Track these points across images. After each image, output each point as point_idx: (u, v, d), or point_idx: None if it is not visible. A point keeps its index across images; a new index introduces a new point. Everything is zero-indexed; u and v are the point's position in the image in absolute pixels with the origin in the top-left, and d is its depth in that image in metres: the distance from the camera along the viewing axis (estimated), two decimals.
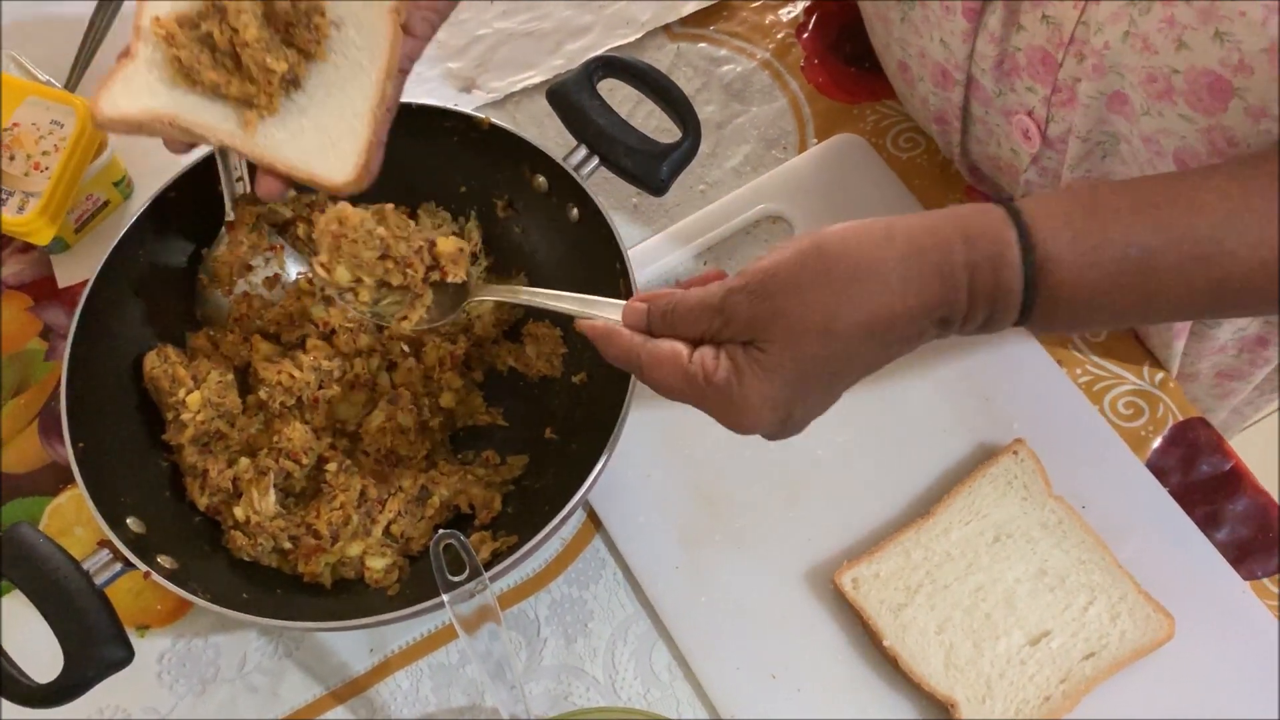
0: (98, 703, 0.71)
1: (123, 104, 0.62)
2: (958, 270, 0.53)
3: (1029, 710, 0.67)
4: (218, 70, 0.63)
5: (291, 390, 0.70)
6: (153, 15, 0.63)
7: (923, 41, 0.75)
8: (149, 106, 0.63)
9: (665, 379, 0.56)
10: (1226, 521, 0.74)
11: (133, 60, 0.63)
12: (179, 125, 0.63)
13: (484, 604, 0.62)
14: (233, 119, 0.64)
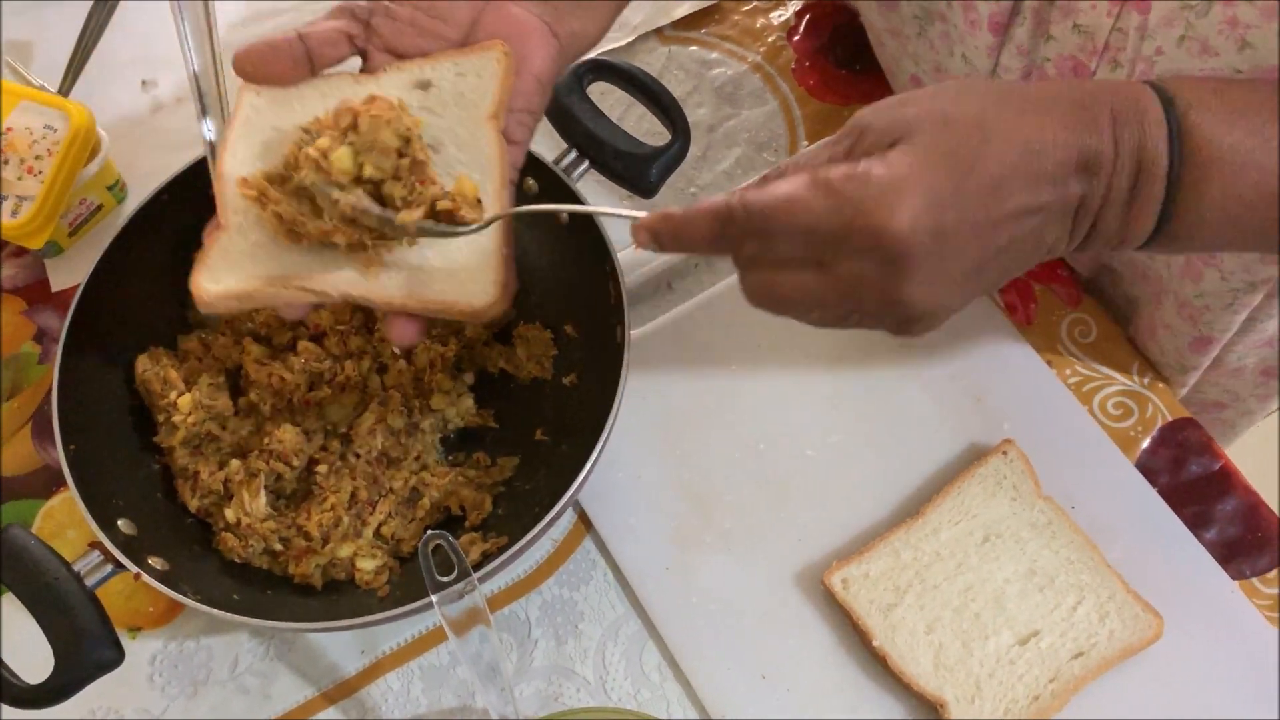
0: (90, 704, 0.71)
1: (227, 279, 0.57)
2: (1101, 112, 0.50)
3: (1018, 710, 0.67)
4: (325, 220, 0.58)
5: (282, 392, 0.70)
6: (237, 178, 0.59)
7: (940, 57, 0.75)
8: (256, 274, 0.58)
9: (785, 215, 0.49)
10: (1215, 521, 0.74)
11: (225, 230, 0.59)
12: (293, 287, 0.58)
13: (473, 606, 0.62)
14: (349, 266, 0.59)
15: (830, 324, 0.53)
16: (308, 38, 0.61)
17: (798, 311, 0.52)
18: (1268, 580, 0.72)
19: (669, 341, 0.80)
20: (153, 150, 0.90)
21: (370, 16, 0.62)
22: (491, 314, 0.59)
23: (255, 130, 0.61)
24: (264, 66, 0.61)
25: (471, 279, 0.59)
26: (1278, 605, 0.71)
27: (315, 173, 0.58)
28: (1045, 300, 0.81)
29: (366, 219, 0.58)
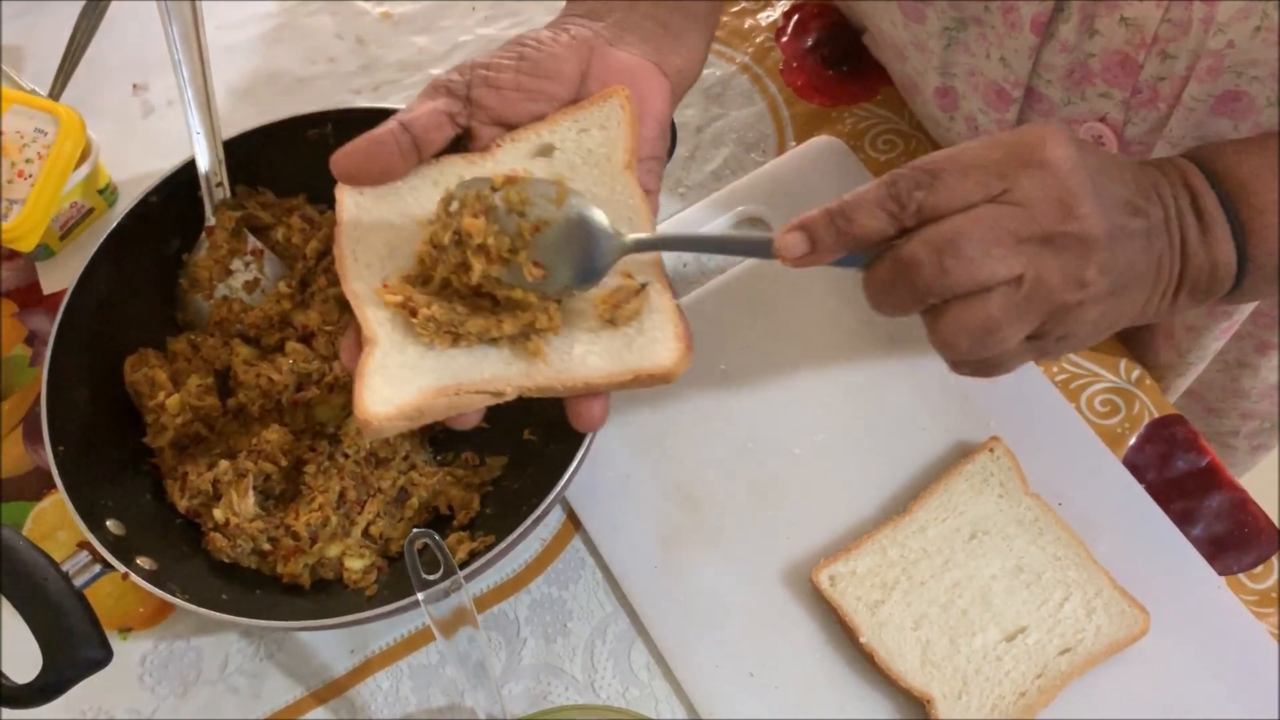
0: (80, 704, 0.72)
1: (393, 397, 0.52)
2: (1159, 179, 0.56)
3: (1005, 706, 0.67)
4: (482, 315, 0.54)
5: (270, 393, 0.71)
6: (375, 288, 0.55)
7: (975, 60, 0.74)
8: (423, 386, 0.53)
9: (949, 159, 0.51)
10: (1202, 517, 0.74)
11: (376, 346, 0.53)
12: (465, 392, 0.53)
13: (460, 606, 0.62)
14: (516, 356, 0.54)
15: (1006, 269, 0.50)
16: (411, 125, 0.56)
17: (976, 251, 0.50)
18: (1254, 576, 0.73)
19: None
20: (144, 154, 0.91)
21: (469, 90, 0.57)
22: (680, 370, 0.54)
23: (368, 232, 0.57)
24: (370, 165, 0.56)
25: (646, 339, 0.55)
26: (1264, 601, 0.72)
27: (481, 260, 0.54)
28: None
29: (543, 289, 0.54)
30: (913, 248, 0.51)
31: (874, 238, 0.52)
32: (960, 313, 0.51)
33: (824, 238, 0.52)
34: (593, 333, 0.55)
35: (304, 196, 0.78)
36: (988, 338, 0.51)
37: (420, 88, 0.91)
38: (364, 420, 0.51)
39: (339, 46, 0.93)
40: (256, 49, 0.94)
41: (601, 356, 0.54)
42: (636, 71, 0.60)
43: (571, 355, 0.54)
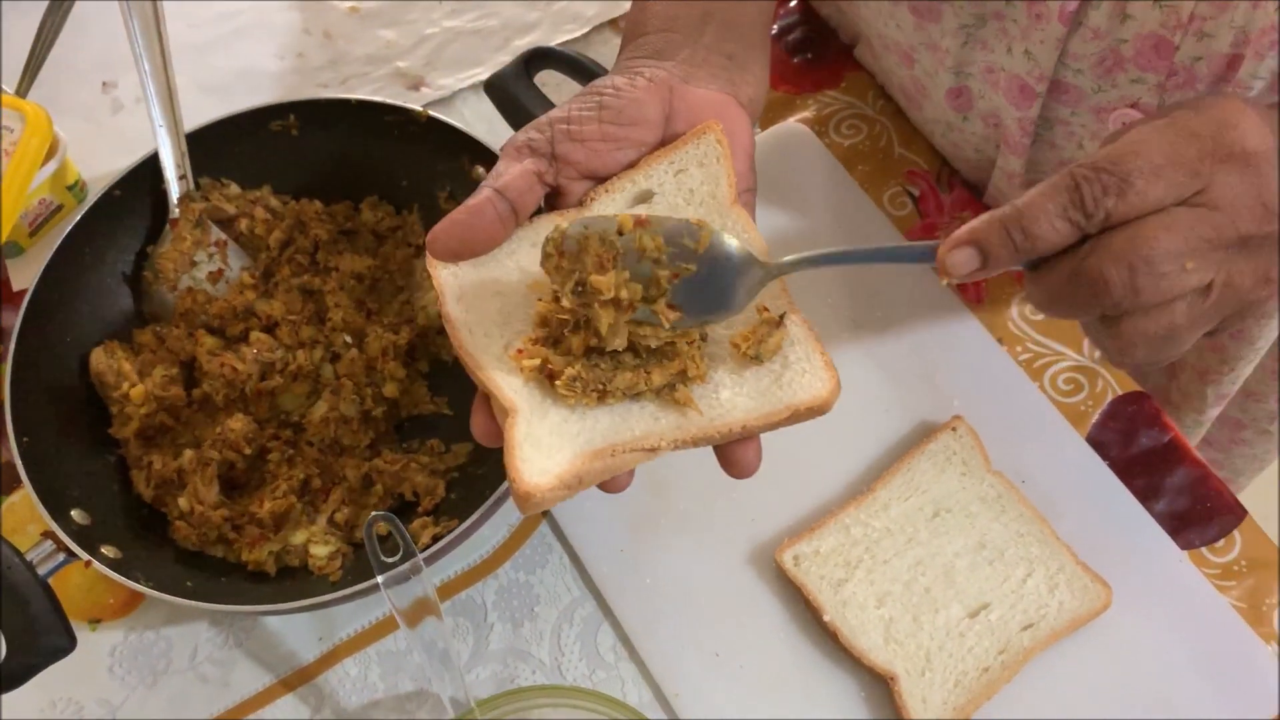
0: (50, 695, 0.72)
1: (549, 467, 0.49)
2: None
3: (968, 682, 0.68)
4: (627, 369, 0.51)
5: (234, 382, 0.71)
6: (511, 355, 0.52)
7: (994, 57, 0.73)
8: (577, 451, 0.50)
9: (1135, 155, 0.46)
10: (1165, 493, 0.75)
11: (518, 415, 0.50)
12: (619, 452, 0.50)
13: (424, 596, 0.63)
14: (663, 410, 0.51)
15: (1198, 279, 0.47)
16: (506, 190, 0.54)
17: (1172, 267, 0.46)
18: (1216, 550, 0.73)
19: None
20: (113, 151, 0.90)
21: (554, 146, 0.55)
22: (835, 399, 0.52)
23: (475, 302, 0.54)
24: (472, 237, 0.53)
25: (800, 373, 0.52)
26: (1226, 574, 0.72)
27: (610, 312, 0.51)
28: (996, 279, 0.81)
29: (678, 327, 0.52)
30: (1103, 265, 0.46)
31: (1055, 248, 0.48)
32: (1141, 323, 0.47)
33: (998, 252, 0.47)
34: (737, 374, 0.52)
35: (268, 188, 0.78)
36: (1166, 345, 0.48)
37: (385, 81, 0.92)
38: (525, 494, 0.48)
39: (307, 41, 0.94)
40: (225, 45, 0.94)
41: (752, 397, 0.52)
42: (718, 106, 0.59)
43: (720, 401, 0.52)
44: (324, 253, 0.76)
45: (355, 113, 0.76)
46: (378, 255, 0.77)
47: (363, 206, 0.78)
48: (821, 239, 0.83)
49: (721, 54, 0.61)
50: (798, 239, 0.83)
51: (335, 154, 0.77)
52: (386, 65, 0.93)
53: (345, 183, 0.78)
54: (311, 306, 0.75)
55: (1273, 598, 0.71)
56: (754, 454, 0.53)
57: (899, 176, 0.86)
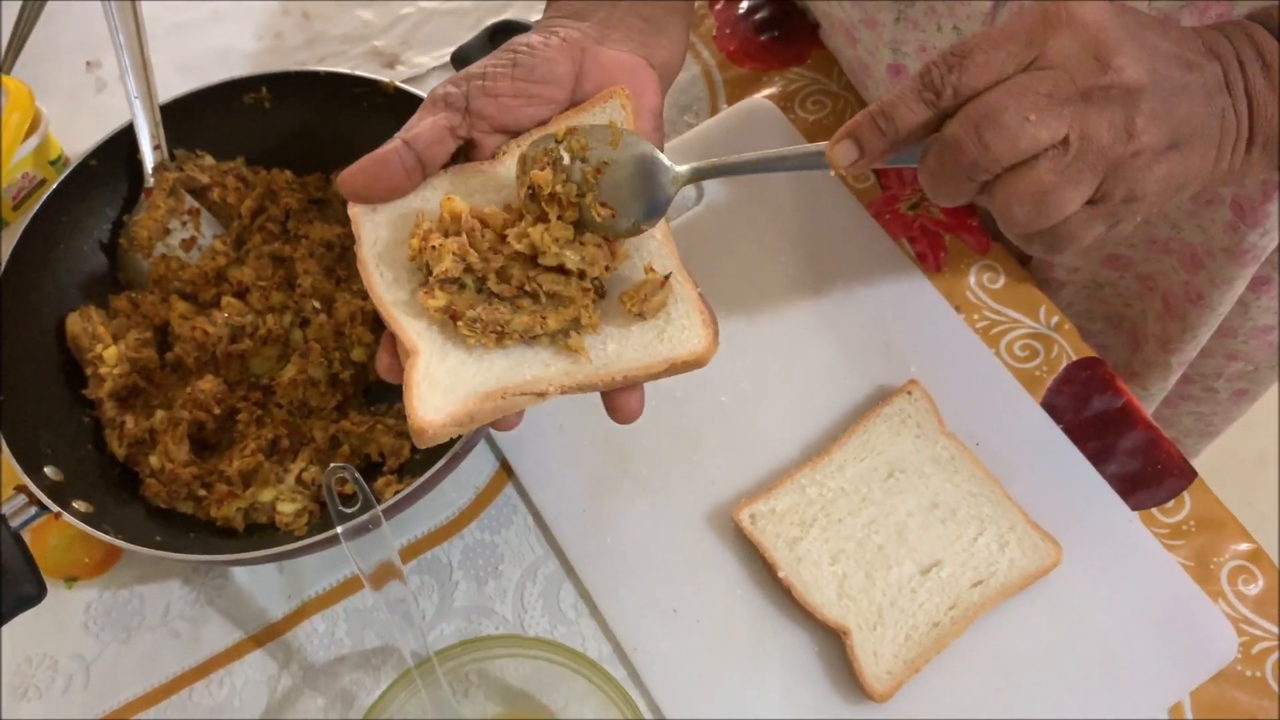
0: (25, 650, 0.74)
1: (443, 405, 0.53)
2: (1216, 37, 0.54)
3: (919, 636, 0.69)
4: (525, 313, 0.55)
5: (205, 345, 0.73)
6: (419, 299, 0.55)
7: (925, 36, 0.74)
8: (470, 392, 0.53)
9: (980, 38, 0.50)
10: (1117, 456, 0.76)
11: (418, 355, 0.53)
12: (510, 395, 0.54)
13: (387, 559, 0.64)
14: (556, 356, 0.56)
15: (1049, 133, 0.50)
16: (414, 141, 0.57)
17: (1014, 120, 0.49)
18: (1166, 510, 0.74)
19: None
20: (96, 129, 0.91)
21: (468, 101, 0.58)
22: (710, 355, 0.56)
23: (389, 248, 0.57)
24: (376, 183, 0.57)
25: (680, 330, 0.56)
26: (1175, 534, 0.74)
27: (554, 208, 0.55)
28: (954, 248, 0.83)
29: (614, 228, 0.56)
30: (952, 129, 0.50)
31: (918, 130, 0.52)
32: (1011, 183, 0.50)
33: (870, 140, 0.52)
34: (624, 328, 0.56)
35: (241, 159, 0.80)
36: (1043, 204, 0.51)
37: (361, 59, 0.94)
38: (419, 429, 0.52)
39: (285, 21, 0.96)
40: (204, 26, 0.96)
41: (636, 350, 0.56)
42: (627, 68, 0.61)
43: (606, 351, 0.56)
44: (294, 221, 0.78)
45: (324, 84, 0.77)
46: (348, 226, 0.79)
47: (333, 177, 0.80)
48: (783, 211, 0.84)
49: (639, 16, 0.64)
50: (760, 210, 0.84)
51: (306, 126, 0.79)
52: (363, 44, 0.95)
53: (316, 154, 0.80)
54: (282, 273, 0.76)
55: (1220, 556, 0.73)
56: (637, 401, 0.57)
57: None
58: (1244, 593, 0.72)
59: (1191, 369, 0.94)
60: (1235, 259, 0.77)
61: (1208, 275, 0.80)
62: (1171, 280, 0.83)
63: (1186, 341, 0.87)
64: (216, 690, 0.72)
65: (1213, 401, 0.99)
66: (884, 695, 0.68)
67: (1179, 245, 0.81)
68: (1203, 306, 0.83)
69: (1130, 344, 0.93)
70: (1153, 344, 0.90)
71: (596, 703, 0.67)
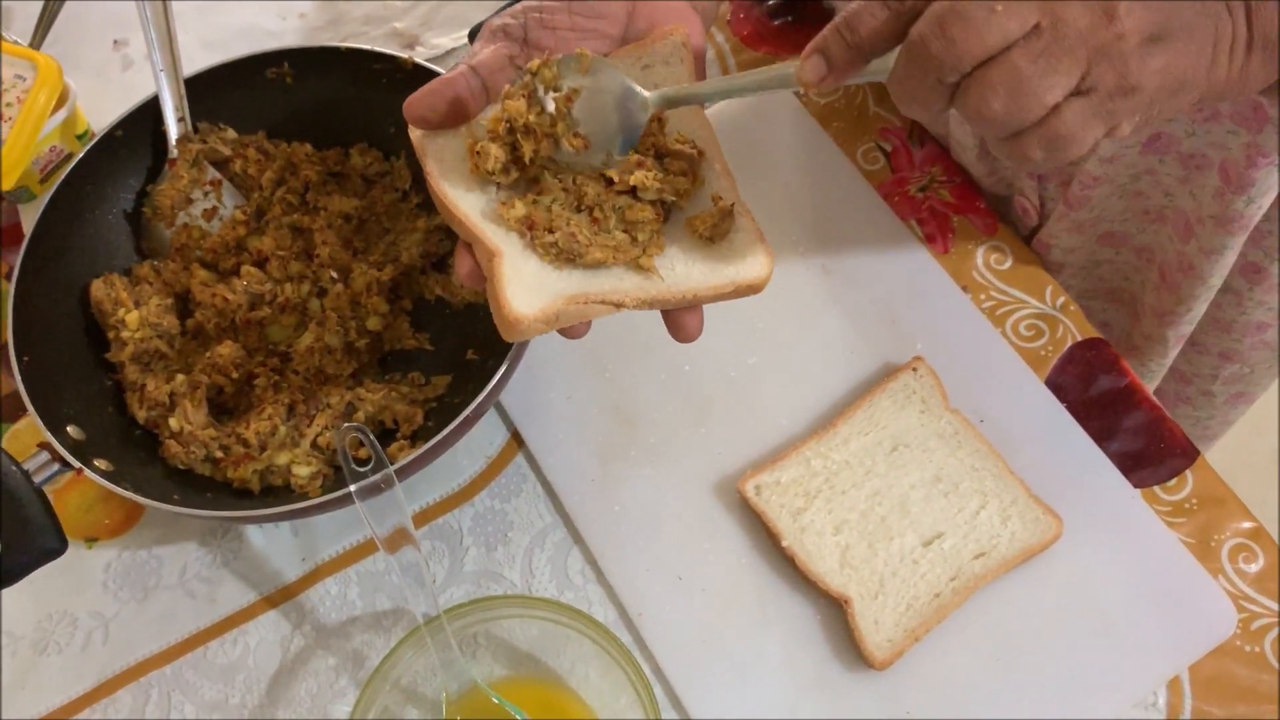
0: (47, 607, 0.76)
1: (534, 301, 0.55)
2: None
3: (920, 606, 0.70)
4: (598, 248, 0.57)
5: (225, 312, 0.75)
6: (497, 210, 0.58)
7: None
8: (556, 293, 0.56)
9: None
10: (1120, 434, 0.77)
11: (504, 257, 0.56)
12: (591, 301, 0.56)
13: (401, 526, 0.66)
14: (629, 272, 0.58)
15: (1018, 22, 0.48)
16: (480, 68, 0.59)
17: (979, 13, 0.47)
18: (1168, 489, 0.75)
19: None
20: (123, 105, 0.93)
21: (526, 33, 0.60)
22: (767, 280, 0.59)
23: (453, 167, 0.59)
24: (442, 107, 0.58)
25: (743, 256, 0.59)
26: (1177, 511, 0.74)
27: (530, 141, 0.57)
28: (962, 229, 0.84)
29: (589, 161, 0.59)
30: (917, 28, 0.49)
31: (883, 37, 0.51)
32: (983, 75, 0.48)
33: (837, 53, 0.52)
34: (691, 252, 0.59)
35: (263, 133, 0.82)
36: (1019, 93, 0.48)
37: (381, 41, 0.96)
38: (513, 320, 0.54)
39: (308, 3, 0.98)
40: (229, 4, 0.98)
41: (703, 272, 0.59)
42: (676, 10, 0.63)
43: (675, 271, 0.59)
44: (314, 193, 0.80)
45: (345, 61, 0.79)
46: (365, 198, 0.81)
47: (352, 151, 0.82)
48: (794, 191, 0.86)
49: None
50: (772, 190, 0.86)
51: (327, 101, 0.81)
52: (384, 25, 0.97)
53: (336, 129, 0.81)
54: (301, 243, 0.78)
55: (1221, 534, 0.73)
56: (697, 322, 0.60)
57: (873, 133, 0.89)
58: (1244, 570, 0.72)
59: (1189, 367, 0.95)
60: (1223, 227, 0.77)
61: (1198, 244, 0.80)
62: (1168, 251, 0.84)
63: (1181, 314, 0.87)
64: (231, 649, 0.74)
65: (1209, 405, 1.00)
66: (884, 663, 0.69)
67: (1173, 213, 0.81)
68: (1194, 277, 0.83)
69: (1131, 317, 0.93)
70: (1150, 316, 0.91)
71: (602, 665, 0.68)
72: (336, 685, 0.73)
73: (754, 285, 0.59)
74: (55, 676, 0.74)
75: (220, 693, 0.73)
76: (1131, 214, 0.84)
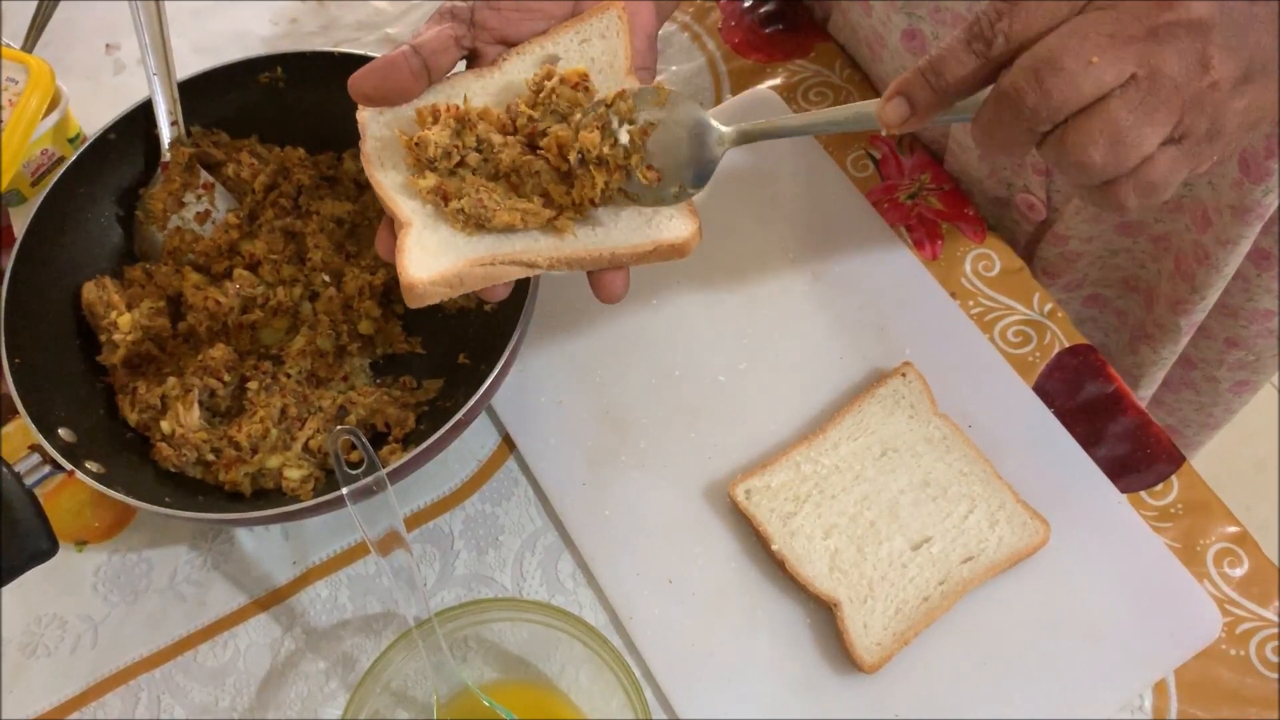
0: (37, 612, 0.76)
1: (432, 266, 0.56)
2: None
3: (908, 610, 0.71)
4: (508, 209, 0.58)
5: (217, 315, 0.75)
6: (409, 183, 0.60)
7: None
8: (459, 257, 0.57)
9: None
10: (1106, 439, 0.78)
11: (411, 228, 0.57)
12: (500, 262, 0.57)
13: (393, 529, 0.66)
14: (544, 233, 0.59)
15: (1114, 73, 0.48)
16: (421, 48, 0.61)
17: (1075, 64, 0.48)
18: (1155, 493, 0.76)
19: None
20: (114, 109, 0.93)
21: (473, 14, 0.62)
22: (694, 244, 0.59)
23: (391, 144, 0.62)
24: (384, 85, 0.61)
25: (668, 218, 0.59)
26: (1164, 516, 0.75)
27: (603, 173, 0.58)
28: (951, 237, 0.85)
29: (660, 194, 0.59)
30: (1010, 78, 0.49)
31: (968, 83, 0.51)
32: (1082, 126, 0.49)
33: (921, 97, 0.52)
34: (613, 212, 0.60)
35: (256, 136, 0.82)
36: (1120, 143, 0.49)
37: (374, 47, 0.96)
38: (408, 284, 0.55)
39: (300, 7, 0.98)
40: (222, 9, 0.99)
41: (624, 231, 0.59)
42: (633, 8, 0.64)
43: (595, 232, 0.59)
44: (306, 197, 0.80)
45: (339, 65, 0.79)
46: (358, 203, 0.81)
47: (345, 156, 0.82)
48: (784, 198, 0.86)
49: None
50: (762, 197, 0.86)
51: (319, 105, 0.81)
52: (376, 31, 0.97)
53: (329, 134, 0.82)
54: (293, 247, 0.78)
55: (1206, 539, 0.74)
56: (620, 282, 0.61)
57: (862, 140, 0.90)
58: (1229, 574, 0.73)
59: (1195, 352, 0.95)
60: (1240, 216, 0.78)
61: (1214, 234, 0.81)
62: (1184, 239, 0.84)
63: (1194, 304, 0.88)
64: (221, 652, 0.74)
65: (1214, 392, 1.00)
66: (873, 666, 0.69)
67: (1190, 203, 0.81)
68: (1209, 267, 0.83)
69: (1145, 305, 0.94)
70: (1163, 304, 0.91)
71: (593, 668, 0.68)
72: (327, 688, 0.73)
73: (677, 246, 0.58)
74: (44, 679, 0.74)
75: (210, 696, 0.73)
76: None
